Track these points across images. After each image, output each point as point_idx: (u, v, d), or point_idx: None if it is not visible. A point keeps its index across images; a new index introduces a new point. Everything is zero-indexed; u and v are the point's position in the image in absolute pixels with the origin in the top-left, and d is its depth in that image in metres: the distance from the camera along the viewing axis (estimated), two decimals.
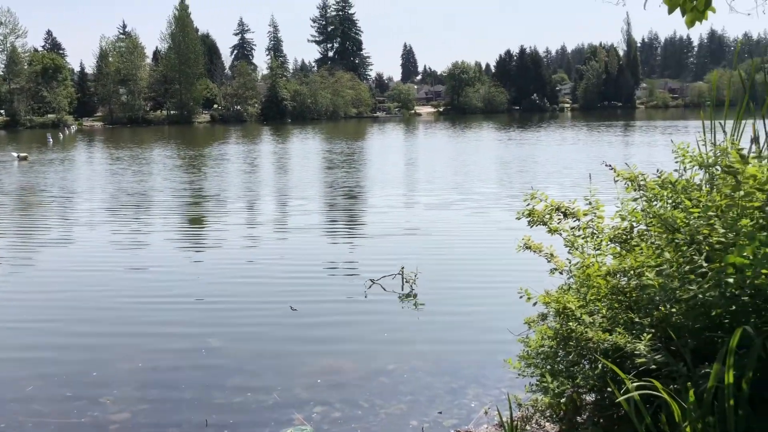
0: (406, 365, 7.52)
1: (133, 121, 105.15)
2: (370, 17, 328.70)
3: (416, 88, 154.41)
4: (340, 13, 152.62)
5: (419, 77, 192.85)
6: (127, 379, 7.32)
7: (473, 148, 47.35)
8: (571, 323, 3.86)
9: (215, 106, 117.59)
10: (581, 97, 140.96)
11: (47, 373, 7.54)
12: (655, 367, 3.33)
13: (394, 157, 41.55)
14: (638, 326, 3.62)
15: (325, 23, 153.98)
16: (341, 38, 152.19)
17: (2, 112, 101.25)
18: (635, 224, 4.07)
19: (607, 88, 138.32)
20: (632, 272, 3.67)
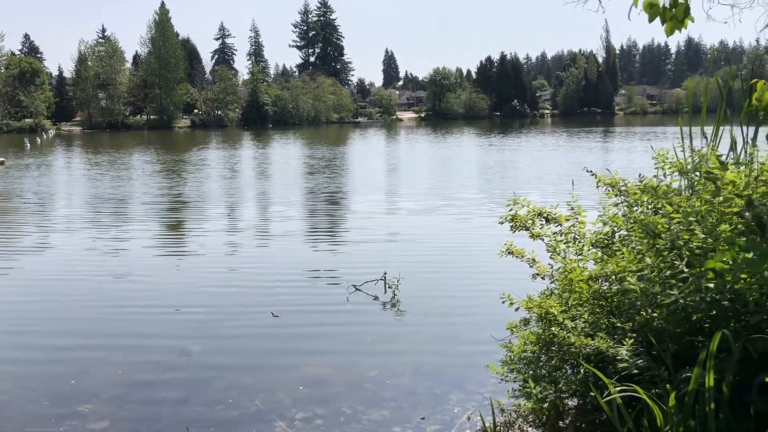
0: (388, 371, 7.50)
1: (112, 125, 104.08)
2: (351, 23, 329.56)
3: (398, 93, 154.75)
4: (321, 18, 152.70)
5: (401, 83, 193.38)
6: (106, 388, 7.21)
7: (455, 153, 47.54)
8: (553, 328, 3.88)
9: (195, 111, 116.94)
10: (561, 103, 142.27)
11: (24, 382, 7.42)
12: (636, 371, 3.35)
13: (375, 162, 41.59)
14: (620, 331, 3.65)
15: (306, 28, 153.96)
16: (323, 43, 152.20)
17: None
18: (616, 229, 4.10)
19: (586, 94, 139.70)
20: (614, 277, 3.70)
